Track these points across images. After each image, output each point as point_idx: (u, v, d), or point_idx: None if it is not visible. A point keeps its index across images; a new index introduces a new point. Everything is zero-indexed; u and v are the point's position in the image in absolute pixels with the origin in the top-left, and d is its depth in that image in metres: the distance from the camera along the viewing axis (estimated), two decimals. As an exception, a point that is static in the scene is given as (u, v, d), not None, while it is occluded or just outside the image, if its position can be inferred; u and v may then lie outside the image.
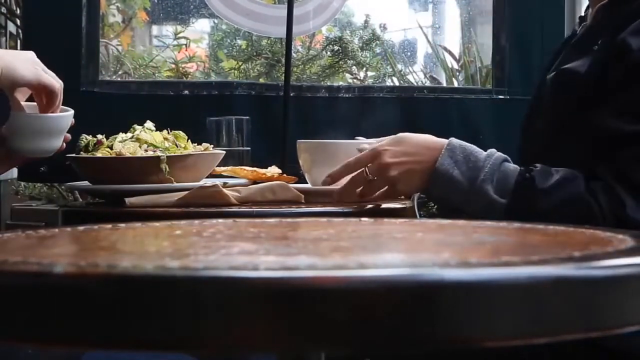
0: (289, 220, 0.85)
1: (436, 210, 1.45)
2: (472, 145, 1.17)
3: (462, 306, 0.43)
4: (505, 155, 1.15)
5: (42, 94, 1.19)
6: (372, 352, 0.91)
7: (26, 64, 1.16)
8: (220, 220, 0.84)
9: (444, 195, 1.15)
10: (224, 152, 1.49)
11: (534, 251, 0.60)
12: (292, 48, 2.43)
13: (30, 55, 1.19)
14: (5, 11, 3.11)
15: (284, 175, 1.47)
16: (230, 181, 1.42)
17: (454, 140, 1.17)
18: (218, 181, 1.37)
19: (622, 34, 1.09)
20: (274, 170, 1.49)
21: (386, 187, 1.20)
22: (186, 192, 1.29)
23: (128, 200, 1.29)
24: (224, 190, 1.28)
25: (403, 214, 1.30)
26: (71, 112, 1.24)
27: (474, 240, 0.69)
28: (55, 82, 1.18)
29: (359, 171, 1.21)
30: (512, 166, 1.13)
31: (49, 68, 1.24)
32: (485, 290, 0.44)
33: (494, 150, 1.16)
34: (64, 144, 1.28)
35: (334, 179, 1.24)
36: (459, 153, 1.14)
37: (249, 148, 1.82)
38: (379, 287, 0.42)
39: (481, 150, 1.16)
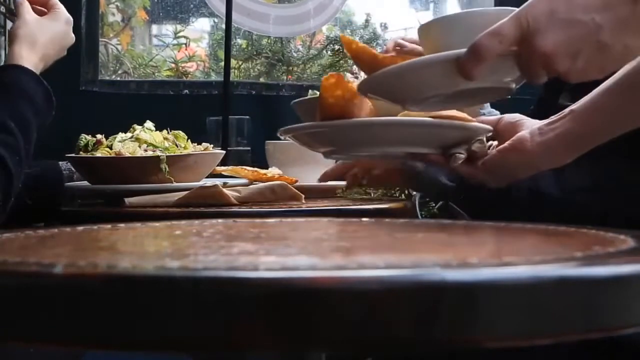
0: (289, 220, 0.85)
1: (437, 210, 1.45)
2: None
3: (463, 306, 0.43)
4: None
5: None
6: (372, 352, 0.91)
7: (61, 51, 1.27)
8: (220, 220, 0.84)
9: None
10: (224, 152, 1.49)
11: (535, 251, 0.59)
12: (293, 47, 2.43)
13: (64, 36, 1.30)
14: (4, 11, 3.11)
15: (284, 175, 1.47)
16: (231, 181, 1.42)
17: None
18: (218, 181, 1.37)
19: None
20: (274, 170, 1.49)
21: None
22: (186, 192, 1.29)
23: (128, 200, 1.29)
24: (224, 190, 1.28)
25: (404, 214, 1.30)
26: None
27: (475, 241, 0.69)
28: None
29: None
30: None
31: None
32: (487, 291, 0.43)
33: None
34: None
35: (329, 176, 1.24)
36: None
37: (249, 148, 1.83)
38: (380, 287, 0.42)
39: None
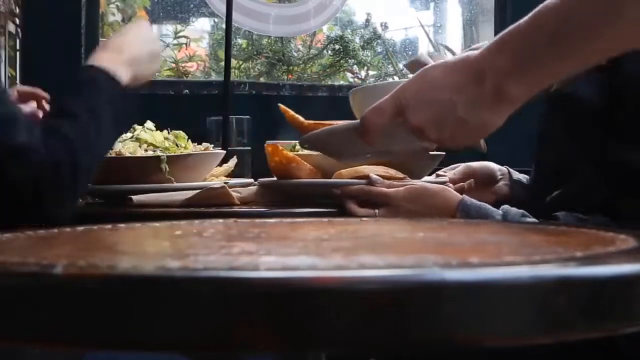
0: (289, 220, 0.85)
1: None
2: (484, 204, 1.16)
3: (463, 306, 0.43)
4: (522, 210, 1.14)
5: None
6: (373, 352, 0.91)
7: (149, 64, 1.24)
8: (220, 220, 0.84)
9: None
10: (224, 152, 1.49)
11: (535, 251, 0.59)
12: (294, 47, 2.43)
13: (150, 45, 1.25)
14: (4, 10, 3.10)
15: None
16: (231, 181, 1.43)
17: (466, 199, 1.17)
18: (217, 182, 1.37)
19: (628, 63, 1.07)
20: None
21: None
22: (193, 191, 1.29)
23: (135, 198, 1.29)
24: (230, 191, 1.29)
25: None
26: None
27: (476, 240, 0.69)
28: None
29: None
30: (531, 220, 1.12)
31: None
32: (487, 291, 0.43)
33: (507, 207, 1.15)
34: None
35: (344, 192, 1.25)
36: (474, 214, 1.14)
37: (249, 148, 1.83)
38: (380, 287, 0.42)
39: (494, 208, 1.15)
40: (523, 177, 1.43)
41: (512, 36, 0.79)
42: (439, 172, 1.46)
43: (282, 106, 1.37)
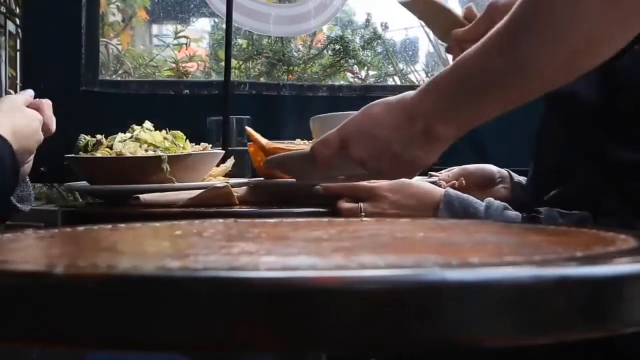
0: (290, 220, 0.85)
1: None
2: (468, 196, 1.18)
3: (464, 306, 0.43)
4: (505, 203, 1.15)
5: None
6: (373, 352, 0.91)
7: (29, 141, 1.15)
8: (220, 220, 0.84)
9: None
10: (223, 152, 1.49)
11: (536, 251, 0.59)
12: (294, 47, 2.43)
13: (30, 125, 1.16)
14: (4, 10, 3.11)
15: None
16: (232, 181, 1.43)
17: (450, 191, 1.18)
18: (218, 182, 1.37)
19: (628, 62, 1.07)
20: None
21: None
22: (197, 190, 1.30)
23: (142, 197, 1.29)
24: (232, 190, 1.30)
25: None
26: None
27: (476, 240, 0.69)
28: (49, 126, 1.18)
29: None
30: (514, 214, 1.13)
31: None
32: (487, 291, 0.43)
33: (491, 199, 1.16)
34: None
35: (328, 190, 1.26)
36: (458, 206, 1.15)
37: (249, 148, 1.82)
38: (380, 287, 0.42)
39: (479, 200, 1.16)
40: (523, 179, 1.43)
41: (437, 82, 0.86)
42: (432, 173, 1.46)
43: (248, 129, 1.43)
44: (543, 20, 0.76)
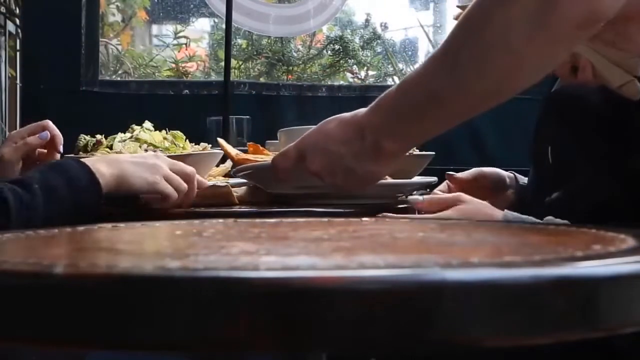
0: (290, 220, 0.85)
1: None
2: (528, 217, 1.14)
3: (464, 306, 0.43)
4: (565, 221, 1.12)
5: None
6: (373, 352, 0.91)
7: (144, 173, 1.17)
8: (220, 220, 0.84)
9: None
10: (223, 152, 1.49)
11: (535, 251, 0.59)
12: (293, 47, 2.43)
13: (156, 161, 1.20)
14: (4, 11, 3.11)
15: None
16: (232, 181, 1.43)
17: (508, 213, 1.16)
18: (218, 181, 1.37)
19: None
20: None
21: None
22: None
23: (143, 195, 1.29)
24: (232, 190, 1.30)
25: (404, 213, 1.30)
26: None
27: (476, 240, 0.69)
28: (171, 192, 1.19)
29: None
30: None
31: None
32: (487, 291, 0.43)
33: (551, 217, 1.12)
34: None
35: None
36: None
37: (249, 148, 1.82)
38: (380, 287, 0.42)
39: (538, 219, 1.12)
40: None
41: (384, 100, 0.90)
42: (449, 173, 1.43)
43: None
44: (473, 49, 0.81)
